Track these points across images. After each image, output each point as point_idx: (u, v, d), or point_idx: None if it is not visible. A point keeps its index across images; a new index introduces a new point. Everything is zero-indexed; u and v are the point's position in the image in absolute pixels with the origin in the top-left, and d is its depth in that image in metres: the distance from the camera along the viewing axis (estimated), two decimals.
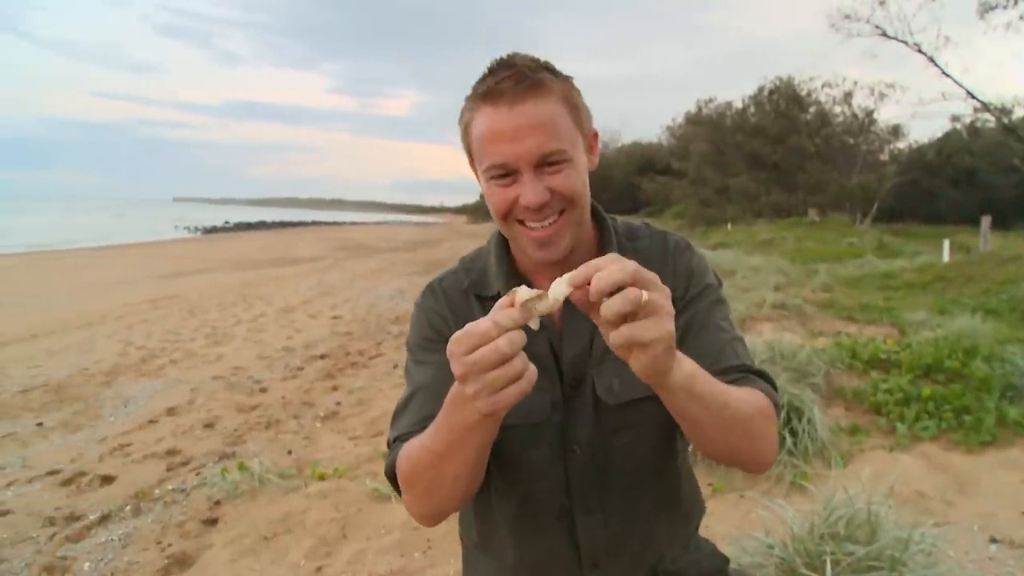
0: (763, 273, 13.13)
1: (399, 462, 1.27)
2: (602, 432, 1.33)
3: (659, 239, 1.44)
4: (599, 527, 1.37)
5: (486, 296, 1.40)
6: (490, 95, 1.21)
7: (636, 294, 0.91)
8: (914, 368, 5.41)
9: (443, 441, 1.13)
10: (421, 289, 1.49)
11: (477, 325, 0.97)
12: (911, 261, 15.89)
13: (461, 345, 0.97)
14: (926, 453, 4.21)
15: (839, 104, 41.67)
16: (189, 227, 62.97)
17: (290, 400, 6.87)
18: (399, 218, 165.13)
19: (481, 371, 0.96)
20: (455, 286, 1.44)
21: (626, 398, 1.31)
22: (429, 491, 1.22)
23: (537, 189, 1.22)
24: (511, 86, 1.19)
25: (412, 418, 1.34)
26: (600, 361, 1.32)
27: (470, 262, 1.48)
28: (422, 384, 1.36)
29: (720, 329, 1.38)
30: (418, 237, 50.51)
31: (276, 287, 16.75)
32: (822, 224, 31.72)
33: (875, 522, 2.46)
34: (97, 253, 30.15)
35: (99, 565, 3.80)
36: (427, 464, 1.18)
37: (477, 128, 1.25)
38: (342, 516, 4.01)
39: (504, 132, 1.20)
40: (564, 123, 1.23)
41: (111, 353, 9.25)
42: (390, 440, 1.37)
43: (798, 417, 4.20)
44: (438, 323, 1.40)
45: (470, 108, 1.27)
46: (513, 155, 1.21)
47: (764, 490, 3.76)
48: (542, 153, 1.20)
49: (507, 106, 1.20)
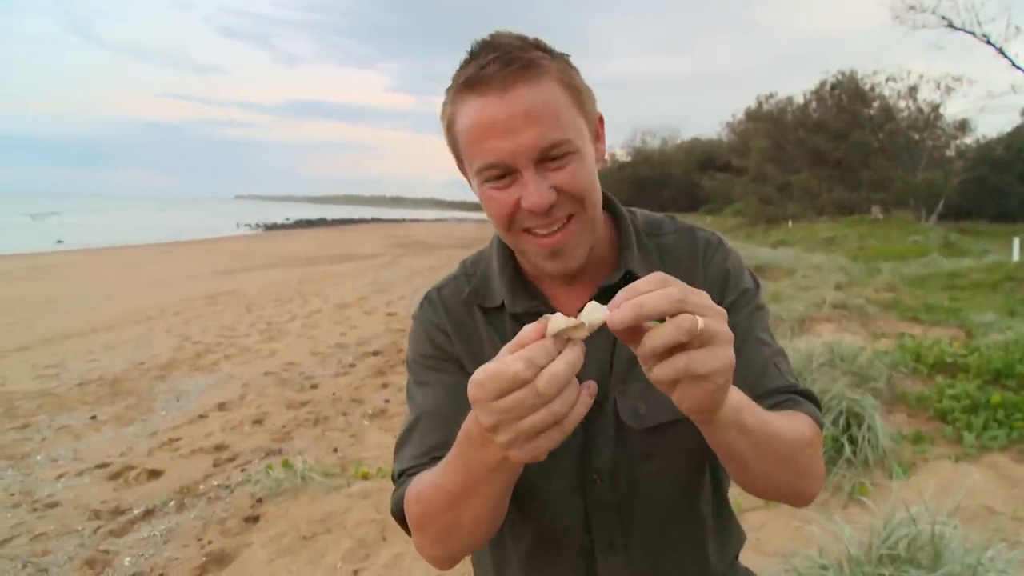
0: (824, 272, 12.84)
1: (408, 502, 1.10)
2: (627, 459, 1.17)
3: (686, 234, 1.26)
4: (622, 566, 1.22)
5: (490, 307, 1.23)
6: (475, 82, 1.02)
7: (692, 322, 0.75)
8: (983, 373, 5.18)
9: (460, 482, 0.97)
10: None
11: (507, 366, 0.77)
12: (979, 260, 15.41)
13: (487, 390, 0.78)
14: (995, 465, 4.00)
15: (903, 98, 40.84)
16: (250, 224, 63.96)
17: (340, 397, 6.86)
18: (457, 215, 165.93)
19: (515, 418, 0.79)
20: (455, 295, 1.27)
21: (653, 422, 1.15)
22: (445, 535, 1.06)
23: (541, 188, 1.03)
24: (498, 69, 1.00)
25: (417, 449, 1.18)
26: (623, 379, 1.16)
27: (471, 267, 1.31)
28: (425, 410, 1.20)
29: (761, 343, 1.20)
30: (476, 234, 50.64)
31: (333, 283, 16.86)
32: (886, 222, 31.11)
33: (940, 544, 2.28)
34: (158, 249, 30.76)
35: (139, 560, 3.80)
36: (442, 506, 1.02)
37: (463, 122, 1.06)
38: (382, 518, 3.94)
39: (495, 125, 1.01)
40: (565, 109, 1.05)
41: (167, 348, 9.36)
42: (395, 474, 1.21)
43: (858, 424, 4.03)
44: (439, 338, 1.24)
45: (452, 101, 1.07)
46: (509, 151, 1.02)
47: (820, 501, 3.59)
48: (542, 146, 1.02)
49: (496, 94, 1.01)
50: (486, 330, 1.22)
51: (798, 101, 45.60)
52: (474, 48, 1.06)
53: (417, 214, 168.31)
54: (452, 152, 1.15)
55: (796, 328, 7.59)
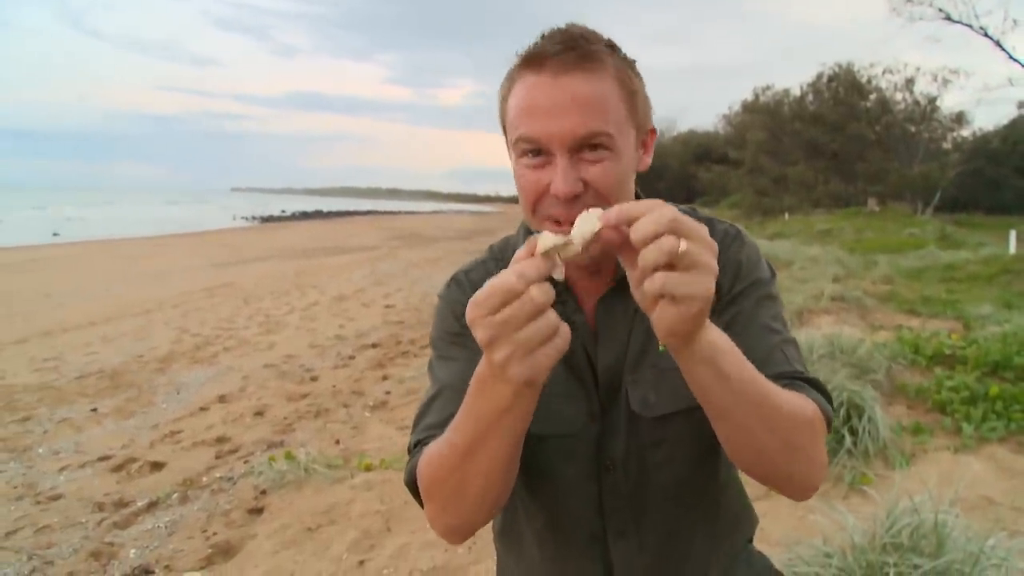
0: (821, 264, 12.87)
1: (419, 467, 1.11)
2: (638, 447, 1.19)
3: (706, 225, 1.26)
4: (634, 552, 1.24)
5: None
6: (533, 60, 1.04)
7: (672, 244, 0.79)
8: (981, 365, 5.20)
9: (470, 431, 0.97)
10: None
11: (499, 280, 0.83)
12: (975, 253, 15.44)
13: (483, 307, 0.83)
14: (994, 456, 4.03)
15: (900, 91, 40.86)
16: (247, 216, 63.81)
17: (340, 389, 6.87)
18: (454, 207, 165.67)
19: (512, 329, 0.82)
20: (484, 277, 1.20)
21: (663, 411, 1.17)
22: (455, 496, 1.06)
23: (569, 176, 1.03)
24: (558, 52, 1.02)
25: (435, 418, 1.18)
26: (634, 368, 1.18)
27: (499, 252, 1.33)
28: (448, 382, 1.19)
29: (768, 329, 1.18)
30: (473, 226, 50.62)
31: (330, 276, 16.86)
32: (882, 214, 31.15)
33: (942, 532, 2.31)
34: (156, 242, 30.72)
35: (144, 552, 3.82)
36: (452, 464, 1.02)
37: (515, 95, 1.07)
38: (387, 509, 3.96)
39: (540, 104, 1.03)
40: (614, 106, 1.05)
41: (166, 340, 9.37)
42: (410, 445, 1.22)
43: (858, 415, 4.05)
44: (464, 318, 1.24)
45: (511, 75, 1.10)
46: (547, 132, 1.02)
47: (822, 492, 3.61)
48: (581, 134, 1.02)
49: (550, 75, 1.02)
50: None
51: (795, 93, 45.63)
52: (545, 32, 1.08)
53: (414, 206, 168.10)
54: (500, 125, 1.15)
55: (795, 320, 7.61)
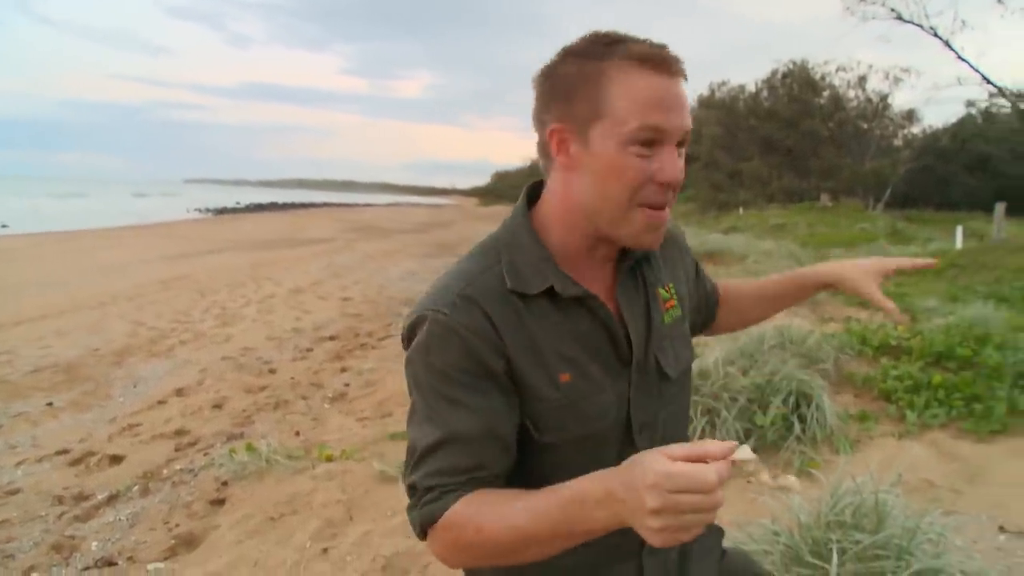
0: (774, 258, 13.06)
1: (458, 525, 1.11)
2: (661, 407, 1.32)
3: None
4: None
5: (530, 294, 1.20)
6: (653, 59, 1.14)
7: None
8: (925, 355, 5.37)
9: (546, 531, 1.02)
10: (439, 269, 1.39)
11: (705, 473, 0.88)
12: (924, 247, 15.81)
13: (676, 483, 0.88)
14: (935, 441, 4.19)
15: (853, 88, 41.46)
16: (200, 208, 63.05)
17: (299, 381, 6.89)
18: (410, 200, 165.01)
19: (684, 512, 0.89)
20: (494, 287, 1.20)
21: (681, 369, 1.36)
22: (490, 561, 1.12)
23: (679, 164, 1.17)
24: (671, 59, 1.15)
25: (444, 465, 1.16)
26: (658, 338, 1.32)
27: (492, 255, 1.26)
28: (460, 432, 1.15)
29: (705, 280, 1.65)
30: (429, 219, 50.47)
31: (286, 268, 16.77)
32: (834, 209, 31.59)
33: (882, 510, 2.44)
34: (107, 234, 30.22)
35: (106, 544, 3.82)
36: (510, 547, 1.07)
37: (632, 90, 1.13)
38: (348, 498, 4.01)
39: (667, 99, 1.14)
40: None
41: (121, 333, 9.28)
42: (418, 485, 1.18)
43: (807, 403, 4.18)
44: (481, 349, 1.16)
45: (612, 68, 1.14)
46: (671, 124, 1.14)
47: (773, 476, 3.74)
48: (687, 129, 1.17)
49: (669, 75, 1.14)
50: (530, 320, 1.20)
51: (750, 89, 46.05)
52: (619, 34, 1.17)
53: (370, 198, 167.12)
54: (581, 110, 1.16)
55: None
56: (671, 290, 1.39)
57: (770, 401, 4.19)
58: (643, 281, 1.33)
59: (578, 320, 1.23)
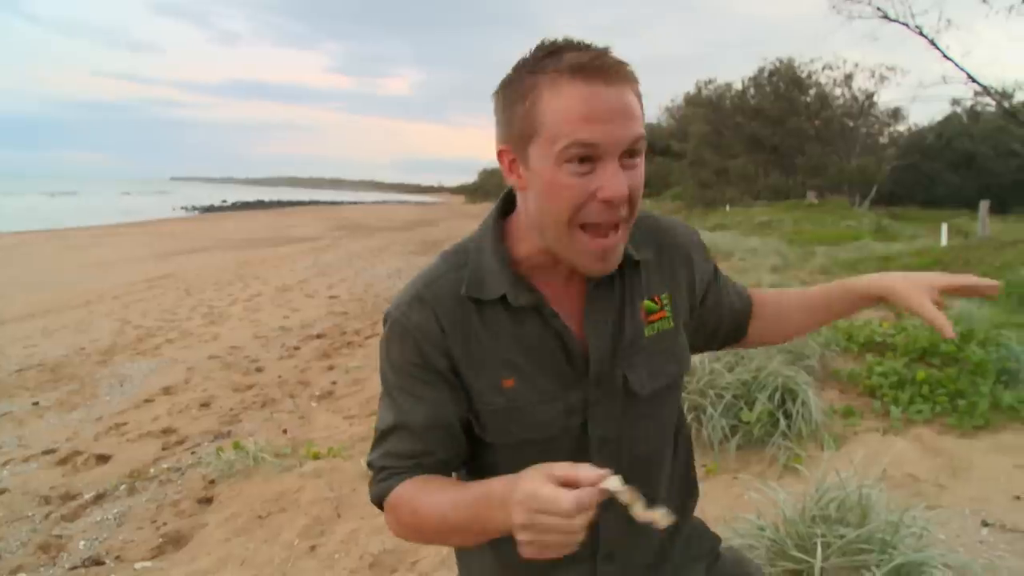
0: (760, 255, 13.12)
1: (395, 504, 1.23)
2: (628, 423, 1.30)
3: (652, 220, 1.38)
4: (620, 519, 1.34)
5: (485, 300, 1.23)
6: (584, 70, 1.07)
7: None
8: (909, 351, 5.40)
9: (461, 521, 1.11)
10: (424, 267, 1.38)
11: (560, 500, 0.94)
12: (909, 245, 15.89)
13: (537, 502, 0.95)
14: (920, 436, 4.21)
15: (839, 86, 41.74)
16: (187, 207, 62.83)
17: (286, 379, 6.89)
18: (397, 197, 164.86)
19: (542, 532, 0.96)
20: (449, 291, 1.24)
21: (652, 388, 1.30)
22: (427, 541, 1.28)
23: (623, 180, 1.08)
24: (608, 65, 1.07)
25: (395, 449, 1.26)
26: (629, 354, 1.28)
27: (458, 258, 1.29)
28: (406, 420, 1.24)
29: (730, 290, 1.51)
30: (416, 217, 50.46)
31: (273, 267, 16.75)
32: (820, 207, 31.75)
33: (866, 505, 2.46)
34: (94, 233, 30.11)
35: (94, 543, 3.83)
36: (435, 529, 1.17)
37: (561, 104, 1.07)
38: (336, 495, 4.02)
39: (598, 111, 1.06)
40: (640, 115, 1.12)
41: (107, 332, 9.27)
42: (373, 464, 1.29)
43: (792, 399, 4.20)
44: (427, 348, 1.23)
45: (543, 84, 1.10)
46: (605, 137, 1.07)
47: (757, 472, 3.76)
48: (633, 137, 1.09)
49: (604, 84, 1.07)
50: (480, 325, 1.24)
51: (736, 87, 46.25)
52: (554, 43, 1.11)
53: (356, 196, 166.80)
54: (518, 130, 1.14)
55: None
56: (662, 301, 1.33)
57: (756, 398, 4.20)
58: (622, 292, 1.29)
59: (530, 329, 1.23)
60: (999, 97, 30.83)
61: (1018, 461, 3.89)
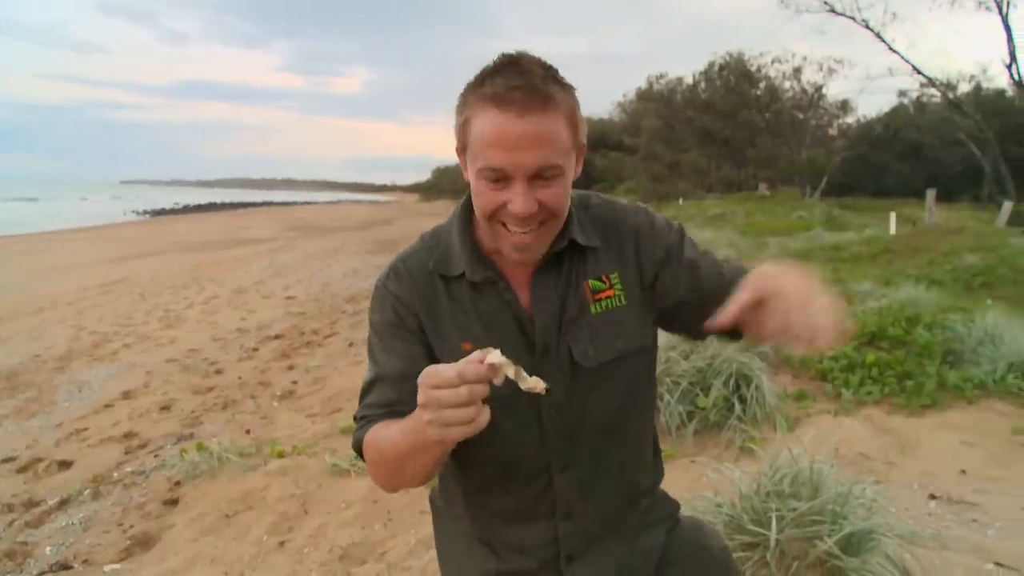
0: (713, 247, 12.87)
1: (366, 446, 1.38)
2: (579, 391, 1.41)
3: (608, 205, 1.51)
4: (574, 481, 1.45)
5: (450, 276, 1.41)
6: (500, 100, 1.21)
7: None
8: (859, 336, 5.54)
9: (407, 444, 1.23)
10: (381, 266, 1.51)
11: (445, 371, 1.08)
12: (859, 234, 16.14)
13: (428, 378, 1.09)
14: (870, 417, 4.35)
15: (788, 79, 42.31)
16: (138, 210, 61.88)
17: (246, 380, 6.88)
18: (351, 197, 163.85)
19: (438, 407, 1.08)
20: (420, 266, 1.44)
21: (599, 360, 1.40)
22: (391, 477, 1.34)
23: (527, 201, 1.24)
24: (523, 97, 1.20)
25: (376, 399, 1.43)
26: (571, 328, 1.40)
27: (431, 240, 1.49)
28: (386, 373, 1.42)
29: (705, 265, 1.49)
30: (370, 216, 50.18)
31: (228, 269, 16.61)
32: (772, 198, 32.11)
33: (817, 480, 2.57)
34: (43, 238, 29.52)
35: (61, 549, 3.82)
36: (390, 459, 1.30)
37: (479, 128, 1.24)
38: (302, 492, 4.05)
39: (507, 140, 1.22)
40: (564, 139, 1.26)
41: (63, 339, 9.16)
42: (356, 416, 1.46)
43: (747, 384, 4.31)
44: (401, 310, 1.42)
45: (473, 104, 1.26)
46: (511, 164, 1.22)
47: (714, 455, 3.87)
48: (540, 165, 1.23)
49: (516, 115, 1.20)
50: (446, 298, 1.41)
51: (688, 82, 46.62)
52: (501, 62, 1.26)
53: (309, 196, 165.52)
54: (459, 141, 1.33)
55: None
56: (611, 280, 1.43)
57: (711, 384, 4.31)
58: (568, 273, 1.41)
59: (488, 303, 1.40)
60: (944, 88, 31.57)
61: (964, 437, 4.05)
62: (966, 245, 11.82)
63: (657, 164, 43.02)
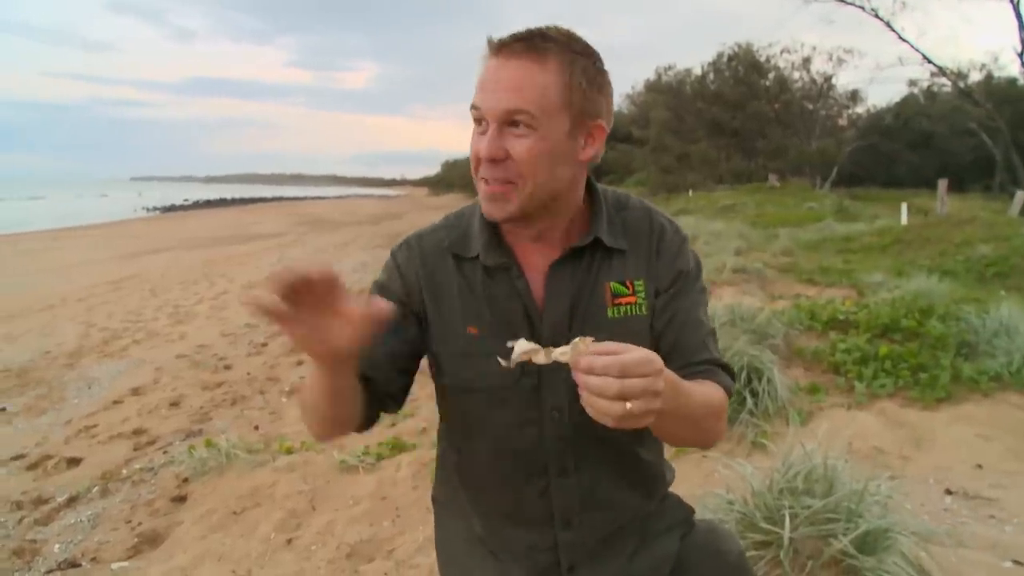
0: (724, 238, 13.18)
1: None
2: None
3: (646, 214, 1.44)
4: (574, 488, 1.40)
5: (465, 257, 1.39)
6: (498, 47, 1.24)
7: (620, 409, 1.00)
8: (872, 328, 5.49)
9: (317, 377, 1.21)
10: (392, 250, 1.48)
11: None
12: (870, 224, 16.07)
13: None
14: (883, 410, 4.30)
15: (798, 70, 42.10)
16: (148, 206, 62.07)
17: (255, 376, 6.87)
18: (360, 191, 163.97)
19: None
20: (435, 244, 1.43)
21: None
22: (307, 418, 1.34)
23: (492, 144, 1.23)
24: (517, 46, 1.22)
25: None
26: (583, 328, 1.29)
27: (454, 220, 1.47)
28: None
29: (700, 324, 1.41)
30: (380, 210, 50.25)
31: (238, 264, 16.64)
32: (782, 189, 32.01)
33: (832, 476, 2.52)
34: (55, 235, 29.64)
35: (69, 546, 3.80)
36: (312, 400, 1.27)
37: (478, 73, 1.27)
38: (310, 488, 4.03)
39: (488, 81, 1.23)
40: (548, 93, 1.22)
41: (73, 335, 9.17)
42: None
43: (758, 378, 4.26)
44: (398, 282, 1.41)
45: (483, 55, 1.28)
46: (485, 104, 1.23)
47: (726, 450, 3.82)
48: (506, 108, 1.21)
49: (503, 59, 1.22)
50: (456, 277, 1.38)
51: (696, 73, 46.41)
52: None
53: (319, 191, 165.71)
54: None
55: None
56: (635, 286, 1.37)
57: None
58: (589, 270, 1.36)
59: (499, 288, 1.36)
60: (954, 77, 31.35)
61: (979, 431, 3.99)
62: (978, 235, 11.75)
63: (667, 156, 42.83)
